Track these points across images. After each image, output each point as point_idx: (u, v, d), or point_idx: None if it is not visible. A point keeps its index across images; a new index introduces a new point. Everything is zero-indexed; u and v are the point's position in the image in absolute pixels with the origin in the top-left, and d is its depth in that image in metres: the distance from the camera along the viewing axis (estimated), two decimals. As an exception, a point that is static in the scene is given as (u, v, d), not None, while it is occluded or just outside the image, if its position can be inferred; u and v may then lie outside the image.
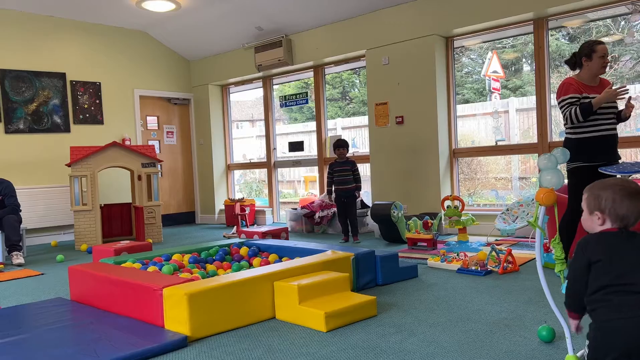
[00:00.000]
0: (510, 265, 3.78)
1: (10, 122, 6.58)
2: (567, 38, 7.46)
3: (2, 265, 5.02)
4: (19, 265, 5.08)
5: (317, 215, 6.42)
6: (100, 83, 7.36)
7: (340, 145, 5.74)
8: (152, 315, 2.73)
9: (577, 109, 3.45)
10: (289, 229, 6.56)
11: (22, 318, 2.99)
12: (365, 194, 6.90)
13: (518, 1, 5.17)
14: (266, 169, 7.92)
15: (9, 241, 5.25)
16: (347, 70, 8.34)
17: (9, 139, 6.57)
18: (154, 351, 2.36)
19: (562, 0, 4.93)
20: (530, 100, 6.77)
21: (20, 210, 5.57)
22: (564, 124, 3.61)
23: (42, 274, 4.57)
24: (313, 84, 7.30)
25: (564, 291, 1.82)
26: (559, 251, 1.98)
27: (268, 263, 3.60)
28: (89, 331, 2.66)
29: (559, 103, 3.58)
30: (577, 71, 3.66)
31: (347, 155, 5.75)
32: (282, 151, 8.02)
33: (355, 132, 9.00)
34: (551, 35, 5.41)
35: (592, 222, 1.59)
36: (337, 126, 8.77)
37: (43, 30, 6.87)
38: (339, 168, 5.70)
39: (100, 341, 2.47)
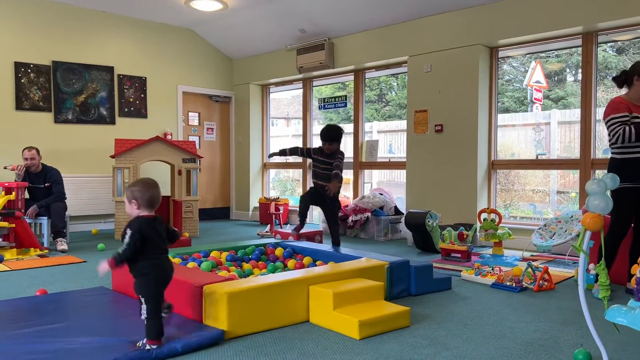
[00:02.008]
0: (546, 283, 3.73)
1: (59, 112, 6.84)
2: (615, 50, 7.28)
3: (47, 250, 5.24)
4: (63, 251, 5.28)
5: (350, 218, 6.46)
6: (146, 78, 7.58)
7: (331, 138, 4.42)
8: (192, 311, 2.82)
9: (632, 128, 3.35)
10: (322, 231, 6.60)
11: (69, 305, 3.14)
12: (400, 201, 6.90)
13: (567, 15, 5.09)
14: (301, 169, 8.00)
15: (55, 227, 5.48)
16: (388, 75, 8.34)
17: (58, 128, 6.83)
18: (192, 346, 2.45)
19: (613, 16, 4.82)
20: (573, 113, 6.63)
21: (66, 198, 5.80)
22: (611, 143, 3.53)
23: (85, 262, 4.75)
24: (352, 86, 7.34)
25: (607, 317, 1.81)
26: (604, 277, 1.97)
27: (303, 265, 3.67)
28: (130, 322, 2.77)
29: (607, 121, 3.48)
30: (625, 90, 3.57)
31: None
32: (318, 152, 8.08)
33: (391, 137, 8.98)
34: (599, 44, 5.29)
35: (132, 208, 2.43)
36: (373, 129, 8.78)
37: (95, 24, 7.11)
38: (322, 159, 4.49)
39: (142, 332, 2.56)
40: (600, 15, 4.89)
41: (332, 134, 4.41)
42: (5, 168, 5.73)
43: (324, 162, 4.44)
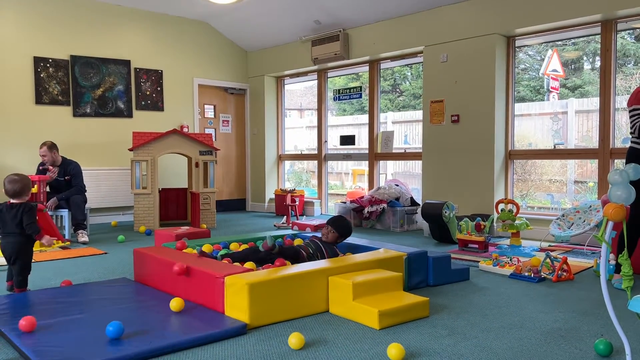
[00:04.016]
0: (565, 274, 3.73)
1: (78, 106, 6.93)
2: (634, 37, 7.17)
3: (69, 242, 5.34)
4: (84, 243, 5.38)
5: (366, 210, 6.48)
6: (162, 71, 7.63)
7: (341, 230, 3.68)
8: (213, 302, 2.87)
9: None
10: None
11: (94, 295, 3.20)
12: (416, 192, 6.90)
13: (586, 2, 5.02)
14: (316, 161, 8.02)
15: (75, 220, 5.57)
16: (403, 65, 8.31)
17: (77, 122, 6.93)
18: (216, 336, 2.50)
19: (633, 2, 4.75)
20: (591, 102, 6.56)
21: (86, 191, 5.89)
22: (631, 133, 3.50)
23: (106, 253, 4.84)
24: (366, 77, 7.32)
25: (630, 307, 1.82)
26: (627, 267, 1.97)
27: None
28: (154, 312, 2.83)
29: (630, 110, 3.44)
30: None
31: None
32: (332, 144, 8.10)
33: (406, 127, 8.96)
34: (618, 32, 5.22)
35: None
36: (387, 120, 8.76)
37: (111, 18, 7.18)
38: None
39: (166, 323, 2.63)
40: (620, 2, 4.82)
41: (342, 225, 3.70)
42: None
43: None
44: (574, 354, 2.31)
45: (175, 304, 2.82)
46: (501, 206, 5.23)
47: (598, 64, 5.32)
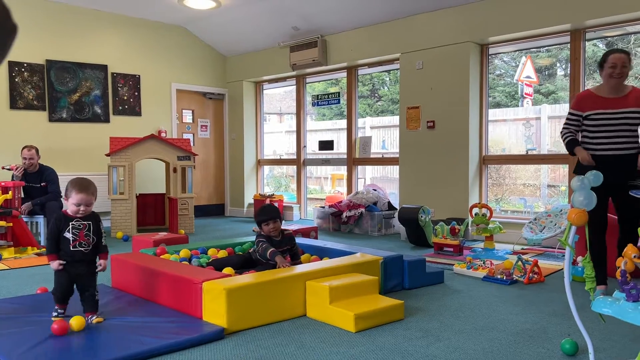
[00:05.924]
0: (536, 276, 3.84)
1: (54, 111, 6.86)
2: (605, 44, 7.40)
3: (44, 249, 5.27)
4: (60, 249, 5.32)
5: (344, 214, 6.54)
6: (139, 76, 7.60)
7: (273, 215, 3.62)
8: (191, 307, 2.89)
9: (566, 139, 3.51)
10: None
11: (70, 302, 3.18)
12: (393, 196, 6.99)
13: (555, 12, 5.18)
14: (295, 166, 8.07)
15: (51, 226, 5.51)
16: (381, 71, 8.43)
17: (53, 127, 6.85)
18: (193, 341, 2.52)
19: (600, 13, 4.92)
20: (563, 108, 6.75)
21: (62, 197, 5.83)
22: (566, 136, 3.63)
23: (83, 260, 4.79)
24: (345, 82, 7.40)
25: (593, 308, 1.90)
26: (589, 269, 2.06)
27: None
28: (132, 318, 2.84)
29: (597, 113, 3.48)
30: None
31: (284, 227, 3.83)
32: (311, 149, 8.15)
33: (384, 132, 9.07)
34: (587, 41, 5.39)
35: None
36: (365, 125, 8.86)
37: (88, 23, 7.13)
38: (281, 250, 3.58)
39: (144, 329, 2.64)
40: (588, 13, 4.98)
41: (269, 211, 3.68)
42: (3, 168, 5.76)
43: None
44: (541, 354, 2.40)
45: (75, 322, 2.62)
46: (475, 210, 5.34)
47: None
